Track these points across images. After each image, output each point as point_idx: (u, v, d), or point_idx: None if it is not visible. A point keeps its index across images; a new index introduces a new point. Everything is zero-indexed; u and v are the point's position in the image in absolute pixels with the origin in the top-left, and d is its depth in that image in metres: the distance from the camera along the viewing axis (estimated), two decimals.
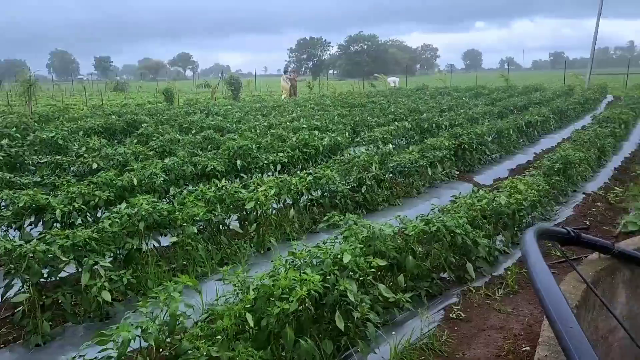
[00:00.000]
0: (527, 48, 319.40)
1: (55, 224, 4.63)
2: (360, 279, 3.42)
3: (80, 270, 3.77)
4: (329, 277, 3.10)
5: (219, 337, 2.75)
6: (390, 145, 8.93)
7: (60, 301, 3.72)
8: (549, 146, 11.86)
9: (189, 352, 2.62)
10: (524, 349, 3.46)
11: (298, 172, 6.83)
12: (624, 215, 6.79)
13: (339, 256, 3.27)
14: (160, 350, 2.74)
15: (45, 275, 3.64)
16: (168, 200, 5.89)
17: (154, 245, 4.63)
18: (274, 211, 5.64)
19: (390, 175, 7.26)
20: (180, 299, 2.72)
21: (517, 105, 15.70)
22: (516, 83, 30.84)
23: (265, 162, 7.45)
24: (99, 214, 5.27)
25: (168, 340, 2.72)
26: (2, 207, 5.16)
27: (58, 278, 3.79)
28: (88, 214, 5.10)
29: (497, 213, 5.10)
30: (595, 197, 7.54)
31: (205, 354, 2.58)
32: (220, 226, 5.13)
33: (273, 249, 5.16)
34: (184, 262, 4.48)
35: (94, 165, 6.98)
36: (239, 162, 7.17)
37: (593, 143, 8.56)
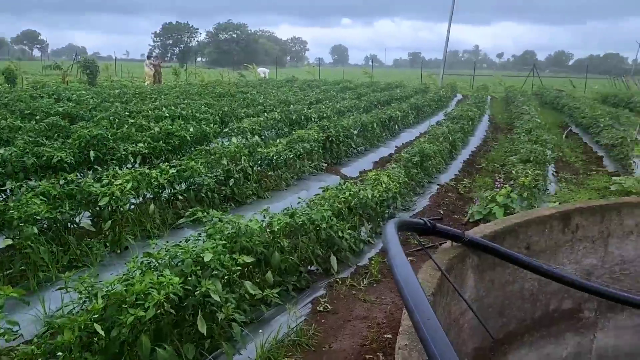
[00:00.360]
0: (389, 47, 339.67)
1: None
2: (226, 277, 3.25)
3: None
4: (190, 279, 2.89)
5: (60, 353, 2.41)
6: (257, 137, 8.82)
7: None
8: (408, 140, 12.64)
9: None
10: (386, 336, 3.57)
11: (161, 164, 6.42)
12: (471, 204, 7.45)
13: (201, 255, 3.07)
14: None
15: None
16: (2, 197, 5.15)
17: None
18: (133, 206, 5.21)
19: (259, 167, 7.15)
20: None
21: (380, 100, 16.52)
22: (379, 79, 32.57)
23: (124, 153, 6.88)
24: None
25: None
26: None
27: None
28: None
29: (362, 205, 5.24)
30: (447, 188, 8.17)
31: None
32: (69, 225, 4.60)
33: (131, 248, 4.75)
34: (22, 268, 3.92)
35: None
36: (92, 153, 6.53)
37: (446, 138, 9.29)
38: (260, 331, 3.49)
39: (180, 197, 5.82)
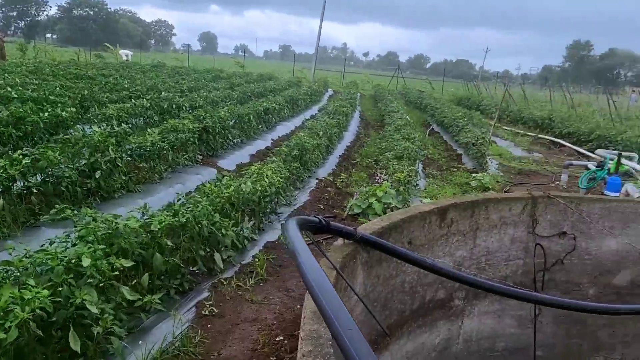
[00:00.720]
0: (259, 37, 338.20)
1: None
2: (101, 284, 2.86)
3: None
4: (61, 289, 2.48)
5: None
6: (125, 125, 8.12)
7: None
8: (284, 133, 12.62)
9: None
10: (278, 339, 3.44)
11: (10, 152, 5.57)
12: (350, 199, 7.63)
13: (73, 261, 2.65)
14: None
15: None
16: None
17: None
18: None
19: (129, 158, 6.54)
20: None
21: (254, 91, 16.29)
22: (251, 70, 32.20)
23: None
24: None
25: None
26: None
27: None
28: None
29: (245, 200, 5.04)
30: (326, 182, 8.28)
31: None
32: None
33: None
34: None
35: None
36: None
37: (325, 132, 9.41)
38: (141, 342, 3.14)
39: (35, 191, 5.09)
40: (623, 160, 8.59)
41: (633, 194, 6.81)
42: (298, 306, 3.95)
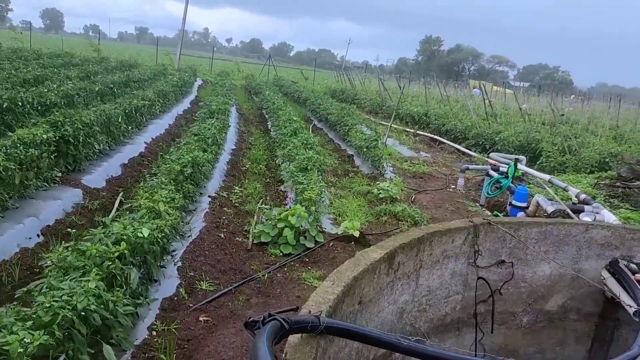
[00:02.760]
0: (112, 18, 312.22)
1: None
2: None
3: None
4: None
5: None
6: None
7: None
8: (157, 134, 10.99)
9: None
10: None
11: None
12: (251, 220, 6.54)
13: None
14: None
15: None
16: None
17: None
18: None
19: None
20: None
21: (117, 82, 14.15)
22: (108, 54, 28.83)
23: None
24: None
25: None
26: None
27: None
28: None
29: (139, 251, 3.74)
30: (220, 199, 7.07)
31: None
32: None
33: None
34: None
35: None
36: None
37: (214, 140, 8.11)
38: None
39: None
40: (518, 165, 8.63)
41: (545, 206, 6.71)
42: None
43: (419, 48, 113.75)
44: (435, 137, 15.64)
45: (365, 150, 10.14)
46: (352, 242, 5.94)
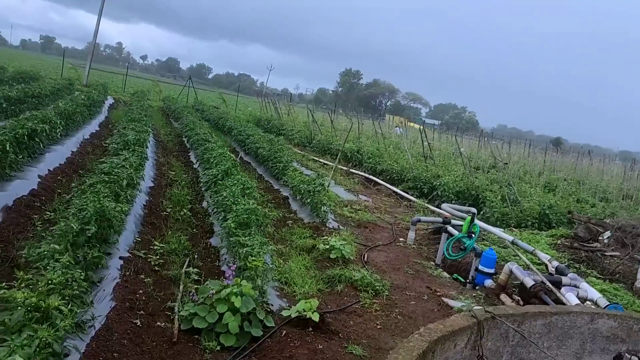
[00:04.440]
0: (15, 24, 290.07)
1: None
2: None
3: None
4: None
5: None
6: None
7: None
8: (57, 164, 9.10)
9: None
10: None
11: None
12: (175, 289, 5.10)
13: None
14: None
15: None
16: None
17: None
18: None
19: None
20: None
21: (11, 98, 11.95)
22: (5, 63, 25.60)
23: None
24: None
25: None
26: None
27: None
28: None
29: None
30: (136, 261, 5.51)
31: None
32: None
33: None
34: None
35: None
36: None
37: (130, 180, 6.52)
38: None
39: None
40: (475, 220, 7.86)
41: (522, 278, 5.89)
42: None
43: (339, 80, 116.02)
44: (371, 177, 14.85)
45: (308, 193, 8.96)
46: (310, 328, 4.68)
